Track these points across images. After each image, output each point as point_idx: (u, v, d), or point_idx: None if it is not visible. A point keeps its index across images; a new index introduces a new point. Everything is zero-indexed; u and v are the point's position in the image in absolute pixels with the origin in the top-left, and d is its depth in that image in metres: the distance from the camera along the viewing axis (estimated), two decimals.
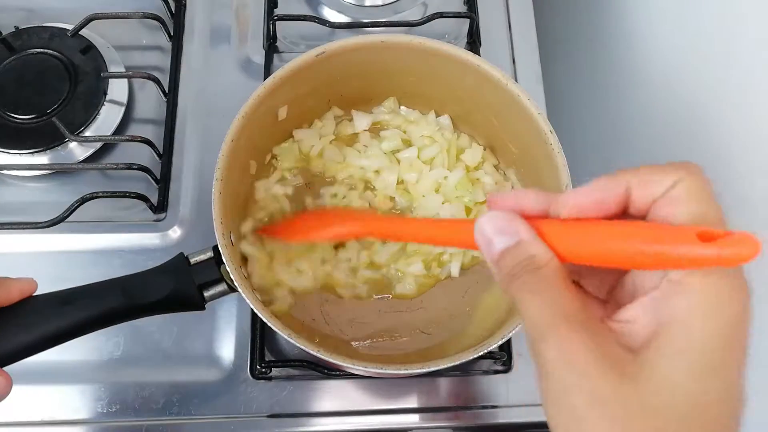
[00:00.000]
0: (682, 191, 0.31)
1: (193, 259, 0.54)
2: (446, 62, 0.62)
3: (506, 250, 0.34)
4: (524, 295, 0.33)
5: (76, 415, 0.64)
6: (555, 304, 0.32)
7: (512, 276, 0.34)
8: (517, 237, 0.34)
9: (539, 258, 0.33)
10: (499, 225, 0.35)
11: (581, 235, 0.33)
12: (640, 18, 0.82)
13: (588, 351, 0.30)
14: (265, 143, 0.66)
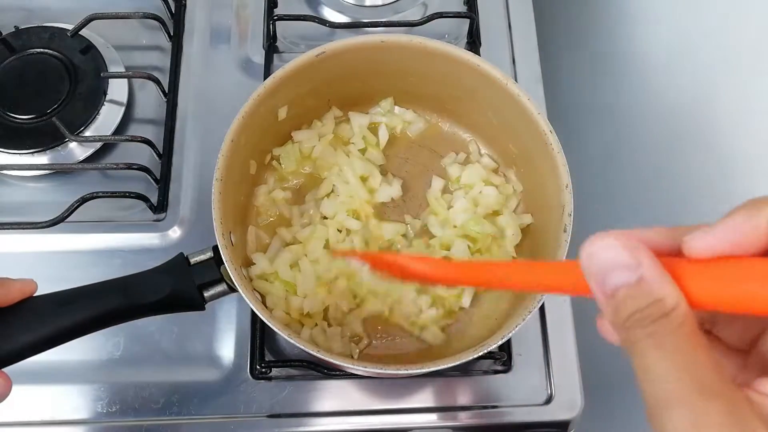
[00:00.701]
0: None
1: (193, 259, 0.54)
2: (446, 62, 0.62)
3: (625, 288, 0.29)
4: (648, 351, 0.28)
5: (76, 415, 0.64)
6: (686, 367, 0.27)
7: (631, 323, 0.28)
8: (640, 272, 0.28)
9: (667, 303, 0.28)
10: (616, 256, 0.29)
11: (717, 275, 0.28)
12: (640, 18, 0.82)
13: (718, 426, 0.26)
14: (265, 143, 0.66)
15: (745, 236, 0.28)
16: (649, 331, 0.28)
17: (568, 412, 0.64)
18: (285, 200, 0.67)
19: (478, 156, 0.69)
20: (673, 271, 0.29)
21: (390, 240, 0.65)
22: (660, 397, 0.27)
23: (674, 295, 0.28)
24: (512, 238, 0.64)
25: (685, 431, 0.26)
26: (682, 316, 0.28)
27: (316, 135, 0.68)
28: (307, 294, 0.61)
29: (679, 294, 0.28)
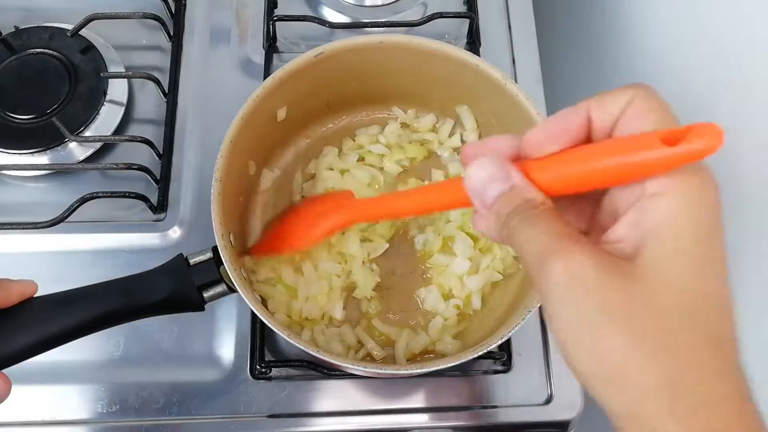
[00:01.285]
0: (638, 107, 0.32)
1: (193, 259, 0.54)
2: (446, 62, 0.62)
3: (501, 196, 0.35)
4: (523, 228, 0.34)
5: (76, 415, 0.64)
6: (554, 230, 0.33)
7: (510, 216, 0.34)
8: (511, 182, 0.35)
9: (536, 201, 0.34)
10: (490, 171, 0.36)
11: (556, 168, 0.34)
12: (640, 18, 0.82)
13: (593, 264, 0.31)
14: (264, 144, 0.66)
15: (570, 125, 0.34)
16: (522, 216, 0.34)
17: (568, 412, 0.64)
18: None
19: None
20: (524, 170, 0.35)
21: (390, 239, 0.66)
22: (537, 256, 0.32)
23: (538, 194, 0.35)
24: None
25: (562, 275, 0.31)
26: (548, 207, 0.34)
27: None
28: (309, 298, 0.62)
29: (541, 194, 0.34)
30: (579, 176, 0.34)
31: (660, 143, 0.30)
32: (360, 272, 0.64)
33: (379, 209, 0.55)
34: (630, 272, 0.31)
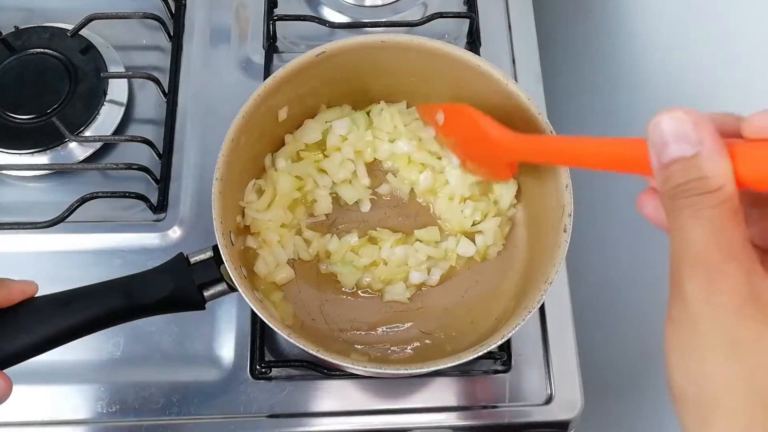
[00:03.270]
0: None
1: (193, 258, 0.54)
2: (446, 62, 0.62)
3: (679, 160, 0.30)
4: (686, 218, 0.30)
5: (76, 415, 0.64)
6: (715, 236, 0.29)
7: (677, 192, 0.30)
8: (699, 148, 0.30)
9: (713, 181, 0.30)
10: (682, 128, 0.30)
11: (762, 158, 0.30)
12: (640, 18, 0.82)
13: (733, 291, 0.28)
14: (265, 144, 0.66)
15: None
16: (691, 202, 0.30)
17: (568, 412, 0.64)
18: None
19: None
20: (729, 149, 0.30)
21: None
22: (685, 258, 0.29)
23: (723, 176, 0.30)
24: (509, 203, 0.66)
25: (697, 290, 0.29)
26: (724, 195, 0.30)
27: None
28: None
29: (727, 176, 0.30)
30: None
31: None
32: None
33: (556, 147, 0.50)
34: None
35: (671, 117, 0.31)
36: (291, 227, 0.65)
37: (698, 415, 0.29)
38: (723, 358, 0.28)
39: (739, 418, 0.28)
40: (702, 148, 0.30)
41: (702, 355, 0.29)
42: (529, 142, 0.54)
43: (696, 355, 0.29)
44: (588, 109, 0.95)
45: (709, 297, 0.29)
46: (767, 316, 0.28)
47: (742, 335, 0.28)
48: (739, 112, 0.30)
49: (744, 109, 0.61)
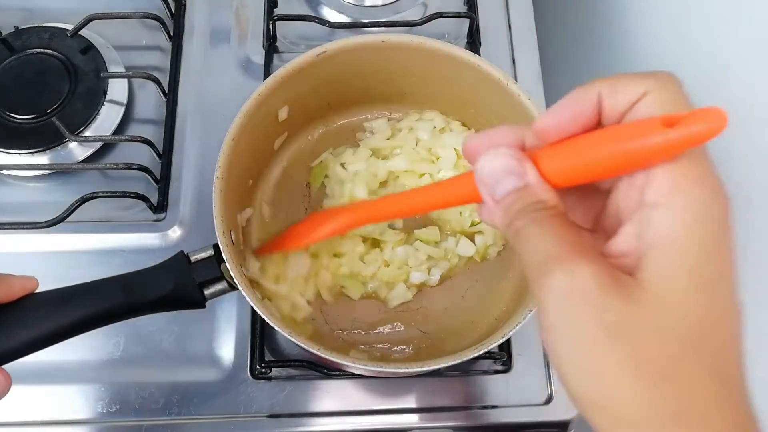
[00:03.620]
0: (653, 99, 0.30)
1: (194, 257, 0.54)
2: (446, 62, 0.62)
3: (514, 191, 0.33)
4: (530, 230, 0.32)
5: (76, 415, 0.64)
6: (562, 236, 0.31)
7: (518, 214, 0.33)
8: (526, 179, 0.33)
9: (548, 203, 0.32)
10: (505, 164, 0.34)
11: (560, 157, 0.33)
12: (640, 18, 0.82)
13: (594, 278, 0.29)
14: (265, 144, 0.66)
15: (580, 109, 0.32)
16: (532, 217, 0.32)
17: (568, 412, 0.64)
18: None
19: None
20: (533, 159, 0.34)
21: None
22: (539, 263, 0.31)
23: (554, 197, 0.33)
24: None
25: (561, 287, 0.29)
26: (558, 209, 0.32)
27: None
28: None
29: (556, 196, 0.33)
30: (581, 165, 0.32)
31: (661, 126, 0.29)
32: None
33: (386, 209, 0.53)
34: (633, 289, 0.29)
35: (493, 156, 0.34)
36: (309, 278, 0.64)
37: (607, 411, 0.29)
38: (607, 344, 0.28)
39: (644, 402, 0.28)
40: (528, 177, 0.33)
41: (587, 347, 0.29)
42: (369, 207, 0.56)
43: (581, 350, 0.29)
44: None
45: (574, 286, 0.29)
46: (627, 292, 0.29)
47: (615, 316, 0.28)
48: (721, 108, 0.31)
49: (744, 108, 0.61)
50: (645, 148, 0.29)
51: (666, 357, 0.28)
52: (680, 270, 0.29)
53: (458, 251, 0.64)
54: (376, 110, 0.71)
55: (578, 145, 0.33)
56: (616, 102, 0.31)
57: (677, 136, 0.28)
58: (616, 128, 0.31)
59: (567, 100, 0.33)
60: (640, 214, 0.30)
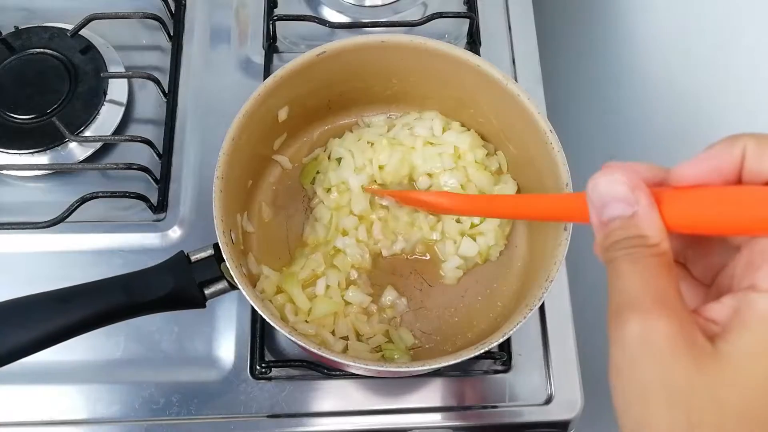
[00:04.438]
0: None
1: (194, 256, 0.54)
2: (446, 62, 0.62)
3: (619, 219, 0.33)
4: (623, 264, 0.32)
5: (76, 415, 0.64)
6: (650, 282, 0.31)
7: (618, 245, 0.32)
8: (635, 208, 0.32)
9: (650, 240, 0.32)
10: (619, 191, 0.33)
11: (691, 202, 0.32)
12: (640, 18, 0.82)
13: (667, 334, 0.29)
14: (265, 144, 0.66)
15: (723, 163, 0.31)
16: (629, 252, 0.32)
17: (568, 412, 0.64)
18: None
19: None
20: (657, 197, 0.33)
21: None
22: (622, 303, 0.31)
23: (659, 235, 0.32)
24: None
25: (633, 335, 0.30)
26: (660, 250, 0.32)
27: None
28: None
29: (663, 233, 0.32)
30: (705, 214, 0.32)
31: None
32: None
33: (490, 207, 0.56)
34: (707, 356, 0.29)
35: (608, 179, 0.33)
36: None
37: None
38: (663, 403, 0.29)
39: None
40: (638, 208, 0.32)
41: (644, 400, 0.30)
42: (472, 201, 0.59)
43: (638, 401, 0.30)
44: (588, 109, 0.95)
45: (645, 339, 0.30)
46: (698, 358, 0.29)
47: (678, 377, 0.29)
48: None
49: (744, 110, 0.61)
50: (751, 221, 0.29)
51: (718, 427, 0.28)
52: (762, 355, 0.29)
53: (461, 252, 0.64)
54: (376, 110, 0.71)
55: (708, 194, 0.32)
56: (760, 166, 0.31)
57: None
58: (752, 188, 0.31)
59: (709, 151, 0.32)
60: (745, 294, 0.30)
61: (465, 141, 0.66)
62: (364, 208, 0.64)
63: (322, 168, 0.67)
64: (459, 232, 0.64)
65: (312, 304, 0.61)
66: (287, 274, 0.62)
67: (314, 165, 0.68)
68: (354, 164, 0.66)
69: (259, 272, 0.62)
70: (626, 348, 0.30)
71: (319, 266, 0.63)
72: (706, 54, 0.69)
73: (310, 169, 0.68)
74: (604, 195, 0.33)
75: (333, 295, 0.62)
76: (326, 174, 0.66)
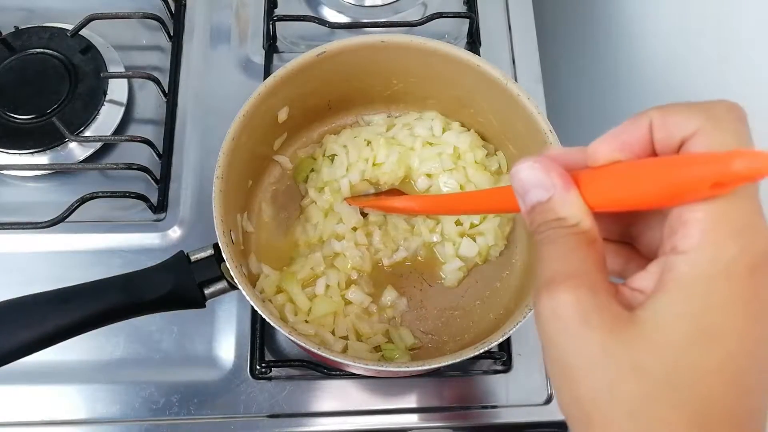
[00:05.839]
0: (701, 144, 0.29)
1: (194, 256, 0.54)
2: (446, 62, 0.62)
3: (538, 204, 0.34)
4: (543, 247, 0.33)
5: (76, 415, 0.64)
6: (566, 259, 0.31)
7: (539, 228, 0.33)
8: (551, 192, 0.33)
9: (568, 221, 0.32)
10: (535, 175, 0.34)
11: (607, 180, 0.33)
12: (640, 17, 0.82)
13: (576, 306, 0.30)
14: (265, 144, 0.66)
15: (632, 137, 0.32)
16: (548, 234, 0.33)
17: None
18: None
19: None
20: (576, 180, 0.33)
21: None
22: (539, 284, 0.31)
23: (577, 215, 0.32)
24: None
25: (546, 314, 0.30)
26: (579, 229, 0.32)
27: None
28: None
29: (582, 212, 0.33)
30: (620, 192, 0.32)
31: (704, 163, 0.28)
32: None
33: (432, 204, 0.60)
34: (623, 324, 0.29)
35: (526, 165, 0.34)
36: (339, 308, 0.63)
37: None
38: (582, 376, 0.30)
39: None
40: (554, 192, 0.33)
41: (567, 377, 0.30)
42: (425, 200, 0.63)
43: (563, 380, 0.31)
44: (588, 108, 0.95)
45: (556, 313, 0.30)
46: (614, 326, 0.29)
47: (592, 347, 0.29)
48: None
49: (746, 109, 0.61)
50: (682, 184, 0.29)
51: (642, 395, 0.28)
52: (681, 317, 0.29)
53: (461, 252, 0.64)
54: (376, 110, 0.71)
55: (620, 171, 0.32)
56: (666, 136, 0.31)
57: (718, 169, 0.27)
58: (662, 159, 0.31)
59: (620, 127, 0.33)
60: (666, 258, 0.30)
61: (465, 141, 0.66)
62: (357, 221, 0.64)
63: (317, 166, 0.68)
64: (459, 234, 0.64)
65: (312, 303, 0.61)
66: (287, 274, 0.62)
67: (308, 162, 0.68)
68: (347, 161, 0.66)
69: (259, 271, 0.62)
70: (543, 327, 0.31)
71: (319, 266, 0.63)
72: (707, 54, 0.69)
73: (304, 166, 0.68)
74: (525, 182, 0.34)
75: (333, 294, 0.62)
76: (319, 173, 0.67)
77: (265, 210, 0.67)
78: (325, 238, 0.64)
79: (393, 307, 0.64)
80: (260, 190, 0.68)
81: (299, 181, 0.68)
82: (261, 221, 0.67)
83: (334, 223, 0.64)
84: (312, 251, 0.64)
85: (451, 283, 0.65)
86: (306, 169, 0.68)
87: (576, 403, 0.30)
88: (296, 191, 0.69)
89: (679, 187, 0.29)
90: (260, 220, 0.67)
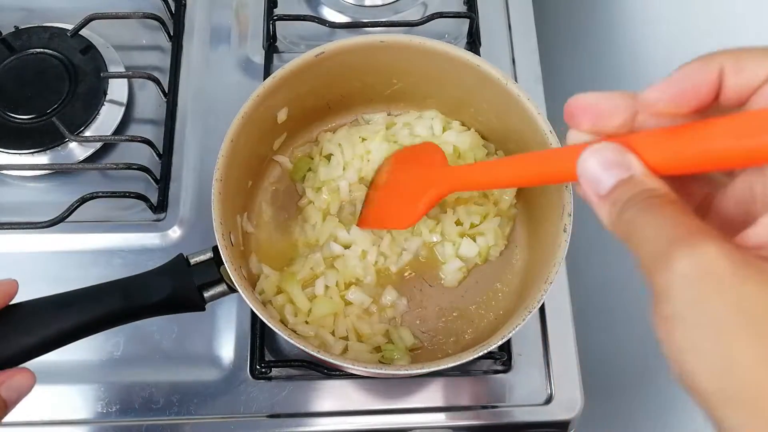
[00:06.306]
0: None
1: (193, 259, 0.54)
2: (446, 62, 0.62)
3: (620, 183, 0.31)
4: (643, 217, 0.29)
5: (76, 415, 0.64)
6: (680, 220, 0.28)
7: (627, 204, 0.30)
8: (630, 171, 0.31)
9: (659, 191, 0.30)
10: (608, 158, 0.32)
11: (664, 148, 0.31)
12: (640, 17, 0.82)
13: (728, 259, 0.26)
14: (264, 145, 0.66)
15: (698, 83, 0.29)
16: (642, 206, 0.30)
17: (568, 412, 0.64)
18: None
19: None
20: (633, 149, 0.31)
21: None
22: (658, 250, 0.28)
23: (663, 186, 0.30)
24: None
25: (687, 270, 0.27)
26: (672, 197, 0.30)
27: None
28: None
29: (665, 185, 0.30)
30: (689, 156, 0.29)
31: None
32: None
33: (478, 177, 0.52)
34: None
35: (594, 151, 0.32)
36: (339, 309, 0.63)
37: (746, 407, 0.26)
38: (744, 334, 0.26)
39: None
40: (634, 169, 0.31)
41: (721, 339, 0.26)
42: (462, 173, 0.56)
43: (713, 343, 0.26)
44: None
45: (706, 269, 0.26)
46: (762, 277, 0.26)
47: (755, 302, 0.26)
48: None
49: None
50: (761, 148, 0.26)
51: None
52: None
53: (461, 253, 0.64)
54: (376, 110, 0.71)
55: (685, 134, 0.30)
56: (740, 81, 0.28)
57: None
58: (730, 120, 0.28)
59: (683, 71, 0.30)
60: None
61: (465, 141, 0.66)
62: (370, 241, 0.64)
63: (314, 166, 0.67)
64: (459, 234, 0.64)
65: (312, 304, 0.61)
66: (287, 274, 0.62)
67: (305, 162, 0.68)
68: (343, 160, 0.66)
69: (260, 272, 0.62)
70: (683, 287, 0.27)
71: (319, 266, 0.63)
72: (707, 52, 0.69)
73: (301, 165, 0.68)
74: (597, 168, 0.32)
75: (332, 295, 0.62)
76: (316, 172, 0.67)
77: (266, 210, 0.67)
78: (321, 242, 0.64)
79: (393, 307, 0.64)
80: (260, 191, 0.68)
81: (296, 181, 0.68)
82: (261, 221, 0.67)
83: (332, 225, 0.64)
84: (312, 251, 0.64)
85: (451, 284, 0.65)
86: (303, 169, 0.68)
87: (734, 373, 0.26)
88: (297, 192, 0.69)
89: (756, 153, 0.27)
90: (260, 220, 0.67)
